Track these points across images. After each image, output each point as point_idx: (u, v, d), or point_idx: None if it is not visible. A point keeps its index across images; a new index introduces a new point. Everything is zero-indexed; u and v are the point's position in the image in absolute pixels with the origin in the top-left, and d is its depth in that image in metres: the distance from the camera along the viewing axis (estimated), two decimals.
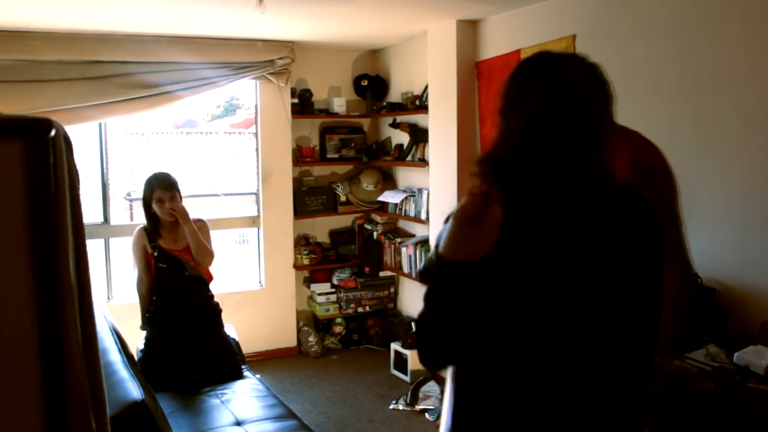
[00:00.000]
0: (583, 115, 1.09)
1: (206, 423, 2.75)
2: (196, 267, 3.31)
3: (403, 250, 4.85)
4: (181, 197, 3.28)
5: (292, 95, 4.98)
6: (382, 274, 5.19)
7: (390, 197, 4.98)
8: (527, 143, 1.07)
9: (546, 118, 1.07)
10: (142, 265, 3.30)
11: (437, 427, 3.26)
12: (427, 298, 1.11)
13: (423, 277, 1.20)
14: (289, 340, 5.09)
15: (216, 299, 3.44)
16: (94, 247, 4.53)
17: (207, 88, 4.61)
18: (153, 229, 3.27)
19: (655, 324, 1.21)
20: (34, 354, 0.93)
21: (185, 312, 3.27)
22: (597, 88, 1.15)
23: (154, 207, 3.22)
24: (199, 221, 3.37)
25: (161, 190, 3.21)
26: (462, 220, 1.03)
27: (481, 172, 1.09)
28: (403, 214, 4.91)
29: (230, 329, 3.62)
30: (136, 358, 3.13)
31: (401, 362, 4.48)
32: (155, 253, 3.26)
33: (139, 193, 3.35)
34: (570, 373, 1.12)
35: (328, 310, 5.10)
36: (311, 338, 5.02)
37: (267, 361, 4.86)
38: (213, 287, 3.44)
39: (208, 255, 3.29)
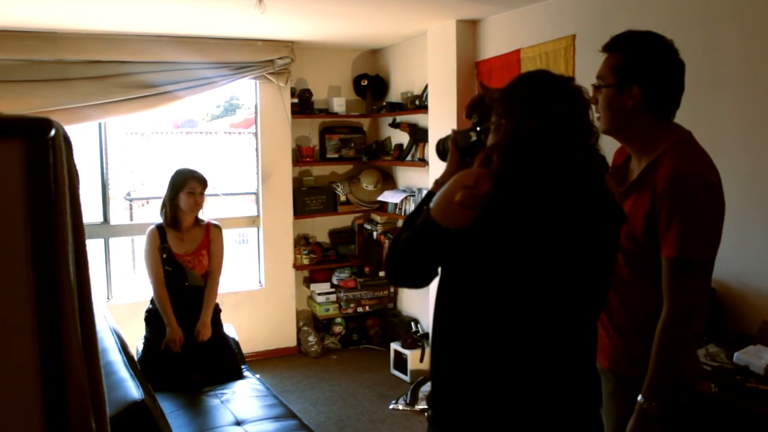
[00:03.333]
0: (591, 129, 1.32)
1: (206, 423, 2.75)
2: (198, 276, 3.33)
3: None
4: (204, 199, 3.36)
5: (292, 95, 4.98)
6: (381, 273, 5.18)
7: (390, 197, 4.98)
8: (552, 144, 1.24)
9: (571, 127, 1.26)
10: (158, 270, 3.26)
11: None
12: (407, 237, 1.32)
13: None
14: (289, 340, 5.09)
15: (216, 300, 3.44)
16: (94, 247, 4.52)
17: (207, 88, 4.61)
18: (169, 224, 3.29)
19: (598, 305, 1.42)
20: (34, 354, 0.93)
21: (184, 314, 3.27)
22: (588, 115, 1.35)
23: (182, 197, 3.25)
24: (216, 228, 3.41)
25: (196, 182, 3.28)
26: (459, 198, 1.22)
27: (493, 160, 1.26)
28: (402, 213, 4.91)
29: (230, 329, 3.62)
30: (136, 358, 3.13)
31: (401, 362, 4.49)
32: (164, 255, 3.26)
33: (139, 192, 3.36)
34: (526, 339, 1.32)
35: (327, 310, 5.10)
36: (311, 338, 5.02)
37: (267, 361, 4.86)
38: None
39: (216, 290, 3.39)
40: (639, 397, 1.56)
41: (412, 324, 4.80)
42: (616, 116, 1.65)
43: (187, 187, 3.25)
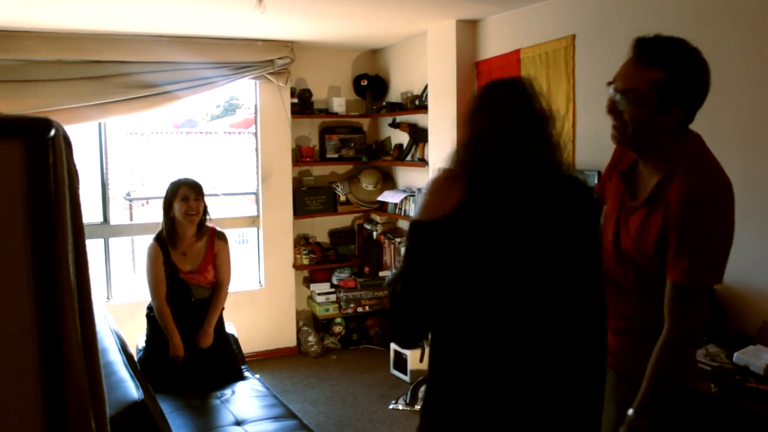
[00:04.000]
0: (542, 117, 1.41)
1: (206, 423, 2.75)
2: (204, 288, 3.27)
3: (403, 249, 4.83)
4: (205, 205, 3.25)
5: (292, 95, 4.98)
6: (381, 273, 5.19)
7: (389, 197, 4.98)
8: (504, 140, 1.35)
9: (518, 119, 1.37)
10: (161, 288, 3.16)
11: None
12: (401, 270, 1.39)
13: (389, 285, 1.53)
14: (289, 340, 5.09)
15: (221, 310, 3.40)
16: (93, 247, 4.52)
17: (206, 88, 4.61)
18: (168, 238, 3.18)
19: (595, 296, 1.42)
20: (34, 354, 0.93)
21: (190, 325, 3.23)
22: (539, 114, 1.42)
23: (176, 205, 3.14)
24: (220, 239, 3.31)
25: (187, 188, 3.17)
26: (430, 188, 1.35)
27: (458, 156, 1.40)
28: (402, 213, 4.91)
29: (230, 329, 3.61)
30: (136, 358, 3.13)
31: (401, 362, 4.49)
32: (168, 270, 3.17)
33: (139, 192, 3.34)
34: (517, 333, 1.34)
35: (327, 310, 5.10)
36: (311, 338, 5.02)
37: (267, 361, 4.86)
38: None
39: (224, 299, 3.35)
40: (629, 411, 1.55)
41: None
42: (647, 135, 1.56)
43: (179, 194, 3.15)
